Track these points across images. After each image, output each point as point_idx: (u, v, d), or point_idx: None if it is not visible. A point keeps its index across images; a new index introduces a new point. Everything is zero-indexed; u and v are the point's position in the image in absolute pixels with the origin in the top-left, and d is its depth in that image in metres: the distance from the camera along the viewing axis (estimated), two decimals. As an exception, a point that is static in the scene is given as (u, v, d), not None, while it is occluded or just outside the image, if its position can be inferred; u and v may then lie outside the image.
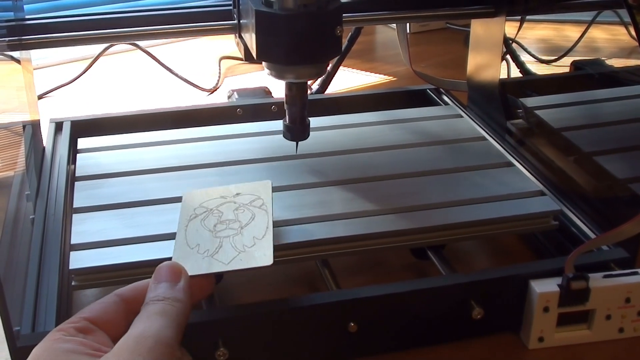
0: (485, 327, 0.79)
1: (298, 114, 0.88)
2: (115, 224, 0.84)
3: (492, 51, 1.14)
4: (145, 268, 0.77)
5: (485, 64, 1.16)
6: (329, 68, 1.35)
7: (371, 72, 1.65)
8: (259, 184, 0.85)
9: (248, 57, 0.88)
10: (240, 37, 0.93)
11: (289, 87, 0.86)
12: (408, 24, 1.88)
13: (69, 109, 1.43)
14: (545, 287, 0.77)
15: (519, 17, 1.19)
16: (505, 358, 0.79)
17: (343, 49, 1.34)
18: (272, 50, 0.80)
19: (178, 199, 0.85)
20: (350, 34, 1.35)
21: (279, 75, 0.83)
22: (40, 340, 0.58)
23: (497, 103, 1.12)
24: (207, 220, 0.79)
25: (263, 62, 0.83)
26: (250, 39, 0.82)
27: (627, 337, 0.81)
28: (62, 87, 1.53)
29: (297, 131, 0.89)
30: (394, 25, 1.46)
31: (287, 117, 0.88)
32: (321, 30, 0.79)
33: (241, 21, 0.91)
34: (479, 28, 1.17)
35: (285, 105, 0.87)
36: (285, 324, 0.73)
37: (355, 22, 1.07)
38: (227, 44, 1.75)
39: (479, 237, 0.89)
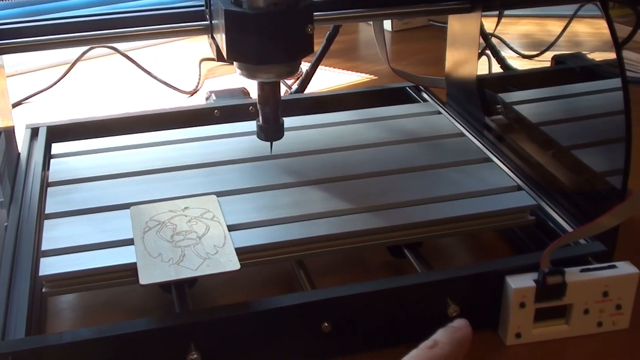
0: (462, 325, 0.79)
1: (271, 114, 0.87)
2: (88, 229, 0.83)
3: (469, 47, 1.13)
4: (116, 273, 0.77)
5: (463, 60, 1.15)
6: (307, 67, 1.35)
7: (353, 71, 1.64)
8: (205, 198, 0.86)
9: (220, 58, 0.87)
10: (213, 37, 0.92)
11: (261, 87, 0.85)
12: (390, 22, 1.88)
13: (48, 115, 1.42)
14: (521, 283, 0.76)
15: (497, 12, 1.18)
16: (483, 355, 0.78)
17: (321, 47, 1.34)
18: (242, 49, 0.79)
19: (151, 203, 0.85)
20: (328, 32, 1.34)
21: (250, 75, 0.83)
22: (10, 348, 0.58)
23: (475, 99, 1.11)
24: (162, 232, 0.80)
25: (234, 62, 0.82)
26: (221, 39, 0.82)
27: (606, 331, 0.81)
28: (41, 93, 1.52)
29: (271, 131, 0.89)
30: (374, 23, 1.46)
31: (260, 117, 0.88)
32: (291, 28, 0.79)
33: (213, 22, 0.90)
34: (456, 24, 1.17)
35: (258, 105, 0.87)
36: (256, 325, 0.73)
37: (328, 21, 1.06)
38: (208, 45, 1.74)
39: (456, 233, 0.89)
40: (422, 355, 0.63)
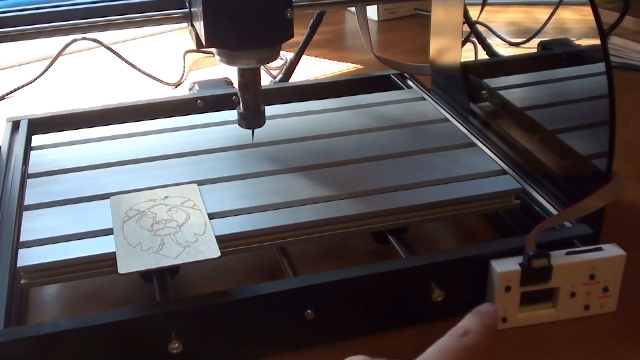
0: (447, 310, 0.77)
1: (252, 101, 0.86)
2: (67, 219, 0.82)
3: (452, 34, 1.12)
4: (96, 263, 0.76)
5: (447, 47, 1.14)
6: (291, 57, 1.34)
7: (339, 61, 1.63)
8: (186, 187, 0.86)
9: (200, 46, 0.86)
10: (192, 25, 0.91)
11: (241, 73, 0.84)
12: (377, 11, 1.87)
13: (32, 109, 1.40)
14: (506, 267, 0.75)
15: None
16: (468, 340, 0.77)
17: (305, 36, 1.32)
18: (220, 35, 0.78)
19: (132, 193, 0.85)
20: (312, 20, 1.33)
21: (229, 61, 0.82)
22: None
23: (459, 85, 1.11)
24: (142, 221, 0.79)
25: (213, 49, 0.82)
26: (200, 25, 0.81)
27: (593, 314, 0.80)
28: (24, 87, 1.50)
29: (252, 118, 0.88)
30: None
31: (240, 104, 0.87)
32: (270, 13, 0.78)
33: (192, 9, 0.89)
34: (439, 11, 1.16)
35: (238, 92, 0.86)
36: (238, 314, 0.72)
37: (309, 7, 1.05)
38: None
39: (440, 218, 0.88)
40: (453, 344, 0.61)
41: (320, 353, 0.76)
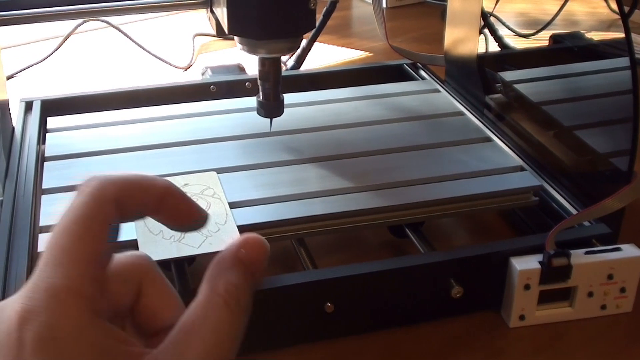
0: (465, 306, 0.78)
1: (271, 90, 0.86)
2: (86, 204, 0.81)
3: (469, 25, 1.12)
4: (119, 249, 0.75)
5: (463, 37, 1.14)
6: (303, 43, 1.33)
7: (347, 47, 1.63)
8: (205, 175, 0.85)
9: (220, 33, 0.86)
10: (212, 12, 0.91)
11: (262, 62, 0.84)
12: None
13: (41, 88, 1.40)
14: (526, 265, 0.75)
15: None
16: (485, 337, 0.77)
17: (318, 23, 1.32)
18: (243, 24, 0.78)
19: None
20: (325, 8, 1.33)
21: (251, 50, 0.81)
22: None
23: (475, 77, 1.10)
24: None
25: (235, 37, 0.81)
26: (222, 13, 0.80)
27: (609, 314, 0.80)
28: (34, 67, 1.50)
29: (271, 107, 0.87)
30: (370, -1, 1.44)
31: (260, 93, 0.86)
32: (294, 3, 0.77)
33: (213, -4, 0.89)
34: (456, 1, 1.15)
35: (258, 81, 0.86)
36: (258, 305, 0.71)
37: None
38: (202, 20, 1.73)
39: (458, 214, 0.88)
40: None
41: (340, 346, 0.76)
